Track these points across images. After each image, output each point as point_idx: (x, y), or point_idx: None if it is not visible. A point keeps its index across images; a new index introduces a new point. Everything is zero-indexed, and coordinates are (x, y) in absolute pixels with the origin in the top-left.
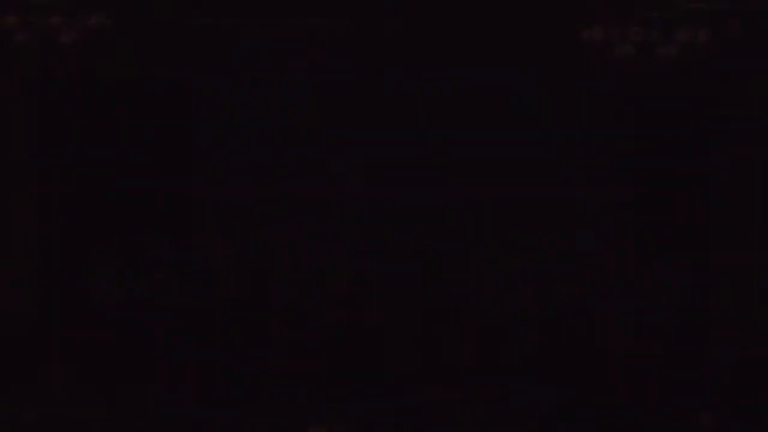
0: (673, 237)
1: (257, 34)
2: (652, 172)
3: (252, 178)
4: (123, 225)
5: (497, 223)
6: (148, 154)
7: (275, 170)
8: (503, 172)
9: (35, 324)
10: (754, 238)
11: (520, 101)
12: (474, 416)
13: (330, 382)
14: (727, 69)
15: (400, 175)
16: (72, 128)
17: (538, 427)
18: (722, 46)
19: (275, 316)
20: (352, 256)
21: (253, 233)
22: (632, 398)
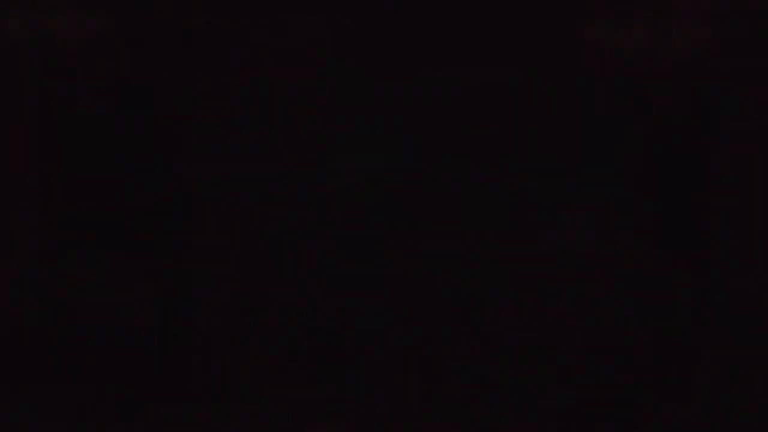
0: (672, 236)
1: (257, 34)
2: (651, 172)
3: (252, 178)
4: (122, 225)
5: (496, 223)
6: (148, 154)
7: (275, 171)
8: (503, 172)
9: (34, 325)
10: (754, 238)
11: (519, 101)
12: (473, 416)
13: (330, 382)
14: (727, 69)
15: (400, 173)
16: (72, 128)
17: (537, 427)
18: (722, 46)
19: (274, 316)
20: (352, 255)
21: (252, 233)
22: (630, 398)
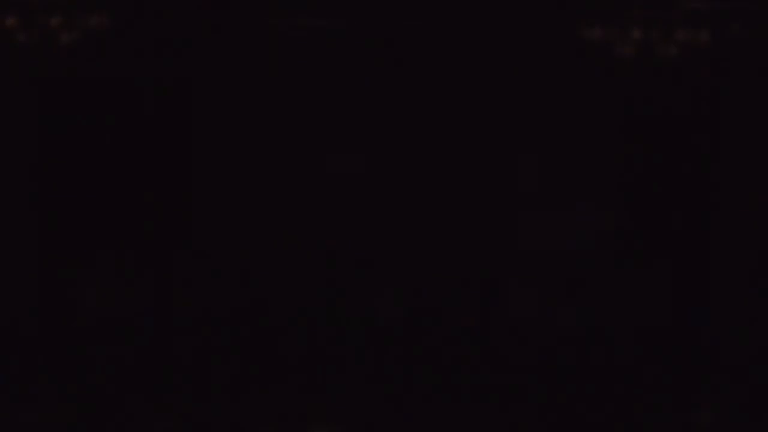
0: (673, 235)
1: (257, 34)
2: (651, 172)
3: (251, 178)
4: (122, 224)
5: (496, 222)
6: (148, 154)
7: (274, 169)
8: (503, 171)
9: (34, 325)
10: (753, 237)
11: (520, 101)
12: (473, 416)
13: (330, 381)
14: (727, 69)
15: (399, 172)
16: (72, 128)
17: (537, 427)
18: (722, 46)
19: (274, 318)
20: (351, 256)
21: (251, 234)
22: (631, 397)
